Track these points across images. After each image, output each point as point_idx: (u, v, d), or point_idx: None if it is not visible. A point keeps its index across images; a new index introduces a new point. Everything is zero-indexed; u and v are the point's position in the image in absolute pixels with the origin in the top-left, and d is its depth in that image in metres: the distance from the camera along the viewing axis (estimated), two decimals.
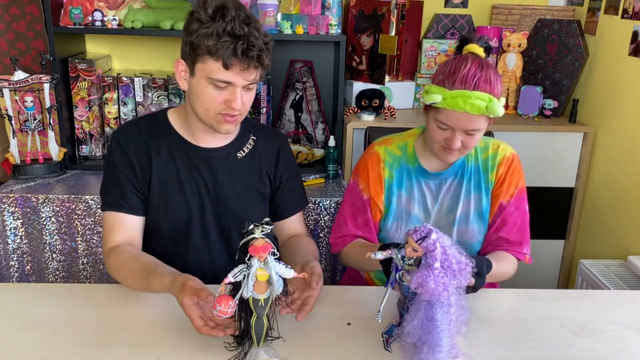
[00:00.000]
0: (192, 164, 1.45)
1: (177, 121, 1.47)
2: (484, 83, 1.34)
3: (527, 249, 1.52)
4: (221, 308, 1.04)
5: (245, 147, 1.50)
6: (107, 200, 1.44)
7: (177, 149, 1.45)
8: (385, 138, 1.59)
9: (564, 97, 2.58)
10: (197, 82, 1.32)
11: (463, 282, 1.06)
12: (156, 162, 1.44)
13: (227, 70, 1.28)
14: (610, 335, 1.26)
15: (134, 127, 1.47)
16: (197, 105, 1.35)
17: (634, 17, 2.23)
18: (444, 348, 1.05)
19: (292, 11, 2.48)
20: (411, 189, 1.52)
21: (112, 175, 1.44)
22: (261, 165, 1.51)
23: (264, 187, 1.52)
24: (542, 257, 2.64)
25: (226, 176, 1.47)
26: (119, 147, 1.44)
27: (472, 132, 1.38)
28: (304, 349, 1.17)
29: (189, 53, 1.31)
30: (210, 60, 1.28)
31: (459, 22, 2.71)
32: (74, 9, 2.29)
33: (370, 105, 2.45)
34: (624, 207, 2.31)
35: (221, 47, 1.25)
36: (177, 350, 1.15)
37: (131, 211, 1.43)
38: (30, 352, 1.13)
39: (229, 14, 1.26)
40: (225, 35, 1.25)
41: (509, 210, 1.49)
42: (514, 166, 1.51)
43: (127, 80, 2.45)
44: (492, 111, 1.33)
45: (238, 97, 1.32)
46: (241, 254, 1.07)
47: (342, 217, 1.57)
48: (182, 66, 1.35)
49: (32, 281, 2.18)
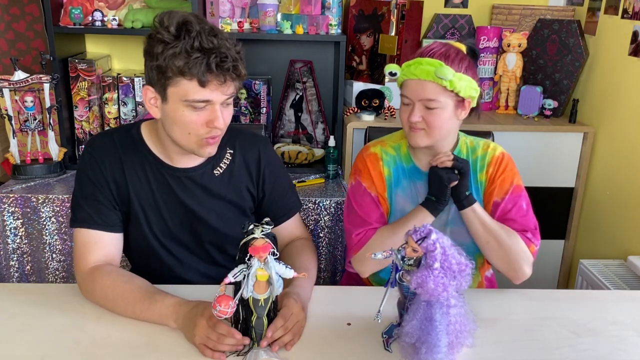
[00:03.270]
0: (166, 185, 1.38)
1: (151, 139, 1.38)
2: (440, 55, 1.36)
3: (533, 238, 1.45)
4: (221, 308, 1.04)
5: (222, 164, 1.42)
6: (80, 217, 1.33)
7: (151, 168, 1.37)
8: (379, 140, 1.58)
9: (564, 97, 2.58)
10: (171, 107, 1.23)
11: (463, 283, 1.06)
12: (131, 180, 1.36)
13: (203, 88, 1.19)
14: (610, 335, 1.26)
15: (107, 139, 1.38)
16: (176, 131, 1.27)
17: (634, 17, 2.23)
18: (442, 348, 1.05)
19: (292, 11, 2.48)
20: (406, 189, 1.51)
21: (86, 191, 1.34)
22: (240, 179, 1.44)
23: (245, 201, 1.46)
24: (542, 257, 2.61)
25: (204, 196, 1.40)
26: (93, 162, 1.35)
27: (430, 103, 1.37)
28: (304, 349, 1.17)
29: (157, 78, 1.21)
30: (183, 81, 1.19)
31: (459, 22, 2.71)
32: (74, 9, 2.29)
33: (370, 105, 2.45)
34: (624, 207, 2.31)
35: (194, 65, 1.16)
36: (177, 350, 1.15)
37: (108, 228, 1.34)
38: (30, 352, 1.13)
39: (193, 29, 1.18)
40: (195, 52, 1.16)
41: (505, 207, 1.46)
42: (504, 165, 1.48)
43: (127, 80, 2.45)
44: (440, 73, 1.33)
45: (219, 114, 1.24)
46: (241, 254, 1.08)
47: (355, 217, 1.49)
48: (150, 93, 1.26)
49: (32, 281, 2.18)
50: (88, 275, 1.29)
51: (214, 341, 1.10)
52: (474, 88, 1.40)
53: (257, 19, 2.47)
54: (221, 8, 2.43)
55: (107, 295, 1.26)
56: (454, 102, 1.39)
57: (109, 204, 1.35)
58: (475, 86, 1.41)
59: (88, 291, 1.30)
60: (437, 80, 1.35)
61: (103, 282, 1.27)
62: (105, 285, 1.26)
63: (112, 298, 1.25)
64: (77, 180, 1.38)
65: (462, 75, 1.37)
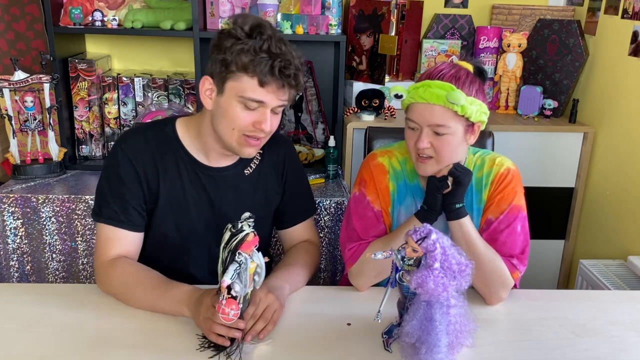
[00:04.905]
0: (199, 184, 1.40)
1: (187, 136, 1.40)
2: (450, 77, 1.29)
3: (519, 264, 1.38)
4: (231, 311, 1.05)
5: (252, 164, 1.46)
6: (106, 213, 1.36)
7: (185, 167, 1.39)
8: (387, 149, 1.51)
9: (564, 97, 2.58)
10: (225, 100, 1.27)
11: (463, 283, 1.06)
12: (163, 178, 1.38)
13: (261, 88, 1.24)
14: (610, 335, 1.26)
15: (141, 138, 1.39)
16: (222, 124, 1.30)
17: (634, 17, 2.23)
18: (442, 348, 1.05)
19: (292, 11, 2.48)
20: (410, 206, 1.46)
21: (115, 189, 1.36)
22: (267, 180, 1.48)
23: (273, 202, 1.50)
24: (542, 257, 2.64)
25: (234, 196, 1.43)
26: (126, 160, 1.35)
27: (440, 129, 1.30)
28: (304, 348, 1.17)
29: (219, 70, 1.26)
30: (245, 78, 1.23)
31: (459, 22, 2.71)
32: (74, 9, 2.29)
33: (370, 105, 2.45)
34: (624, 207, 2.31)
35: (258, 64, 1.21)
36: (177, 350, 1.15)
37: (132, 228, 1.37)
38: (30, 352, 1.13)
39: (265, 32, 1.23)
40: (262, 52, 1.22)
41: (498, 227, 1.38)
42: (506, 182, 1.40)
43: (127, 80, 2.45)
44: (452, 98, 1.25)
45: (268, 118, 1.27)
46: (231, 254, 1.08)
47: (351, 230, 1.44)
48: (208, 84, 1.30)
49: (32, 281, 2.18)
50: (108, 264, 1.33)
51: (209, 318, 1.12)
52: (484, 112, 1.33)
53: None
54: (221, 8, 2.43)
55: (127, 282, 1.30)
56: (463, 127, 1.32)
57: (137, 204, 1.37)
58: (486, 110, 1.34)
59: (107, 279, 1.33)
60: (447, 104, 1.27)
61: (123, 269, 1.31)
62: (124, 273, 1.31)
63: (132, 285, 1.29)
64: (106, 175, 1.39)
65: (474, 99, 1.30)
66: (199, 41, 2.29)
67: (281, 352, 1.15)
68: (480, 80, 1.35)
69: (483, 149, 1.55)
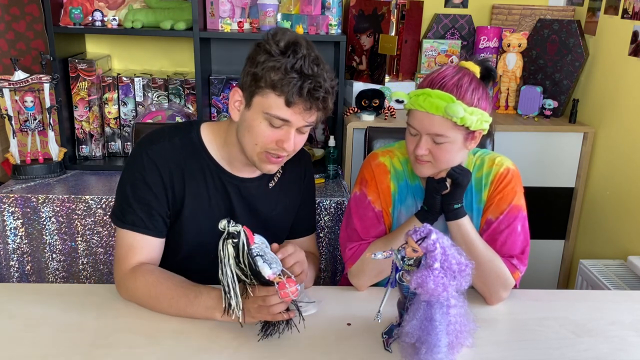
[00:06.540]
0: (224, 192, 1.39)
1: (212, 143, 1.38)
2: (452, 86, 1.27)
3: (519, 264, 1.38)
4: (289, 289, 1.08)
5: (275, 177, 1.45)
6: (130, 219, 1.32)
7: (211, 174, 1.37)
8: (388, 149, 1.50)
9: (564, 97, 2.58)
10: (251, 115, 1.25)
11: (463, 283, 1.06)
12: (189, 185, 1.36)
13: (288, 108, 1.21)
14: (610, 335, 1.26)
15: (167, 144, 1.35)
16: (246, 138, 1.28)
17: (634, 17, 2.23)
18: (442, 348, 1.05)
19: (292, 11, 2.48)
20: (410, 207, 1.45)
21: (140, 194, 1.32)
22: (288, 194, 1.48)
23: (291, 215, 1.50)
24: (542, 257, 2.64)
25: (256, 207, 1.43)
26: (152, 165, 1.32)
27: (438, 138, 1.29)
28: (304, 348, 1.17)
29: (249, 84, 1.24)
30: (272, 95, 1.21)
31: (459, 22, 2.71)
32: (74, 9, 2.29)
33: (370, 105, 2.45)
34: (624, 207, 2.31)
35: (287, 83, 1.19)
36: (177, 350, 1.15)
37: (156, 234, 1.34)
38: (30, 352, 1.13)
39: (300, 51, 1.21)
40: (293, 72, 1.19)
41: (498, 227, 1.38)
42: (506, 181, 1.39)
43: (127, 80, 2.45)
44: (451, 111, 1.24)
45: (291, 138, 1.25)
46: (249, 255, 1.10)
47: (352, 230, 1.44)
48: (238, 96, 1.28)
49: (32, 281, 2.18)
50: (130, 274, 1.30)
51: (263, 305, 1.13)
52: (485, 120, 1.31)
53: (257, 19, 2.47)
54: (221, 8, 2.43)
55: (150, 293, 1.27)
56: (463, 136, 1.31)
57: (162, 210, 1.34)
58: (487, 117, 1.32)
59: (129, 289, 1.31)
60: (447, 115, 1.26)
61: (145, 279, 1.28)
62: (148, 283, 1.28)
63: (155, 295, 1.27)
64: (130, 179, 1.34)
65: (474, 109, 1.28)
66: (199, 41, 2.29)
67: (281, 352, 1.15)
68: (486, 84, 1.33)
69: (483, 148, 1.55)
